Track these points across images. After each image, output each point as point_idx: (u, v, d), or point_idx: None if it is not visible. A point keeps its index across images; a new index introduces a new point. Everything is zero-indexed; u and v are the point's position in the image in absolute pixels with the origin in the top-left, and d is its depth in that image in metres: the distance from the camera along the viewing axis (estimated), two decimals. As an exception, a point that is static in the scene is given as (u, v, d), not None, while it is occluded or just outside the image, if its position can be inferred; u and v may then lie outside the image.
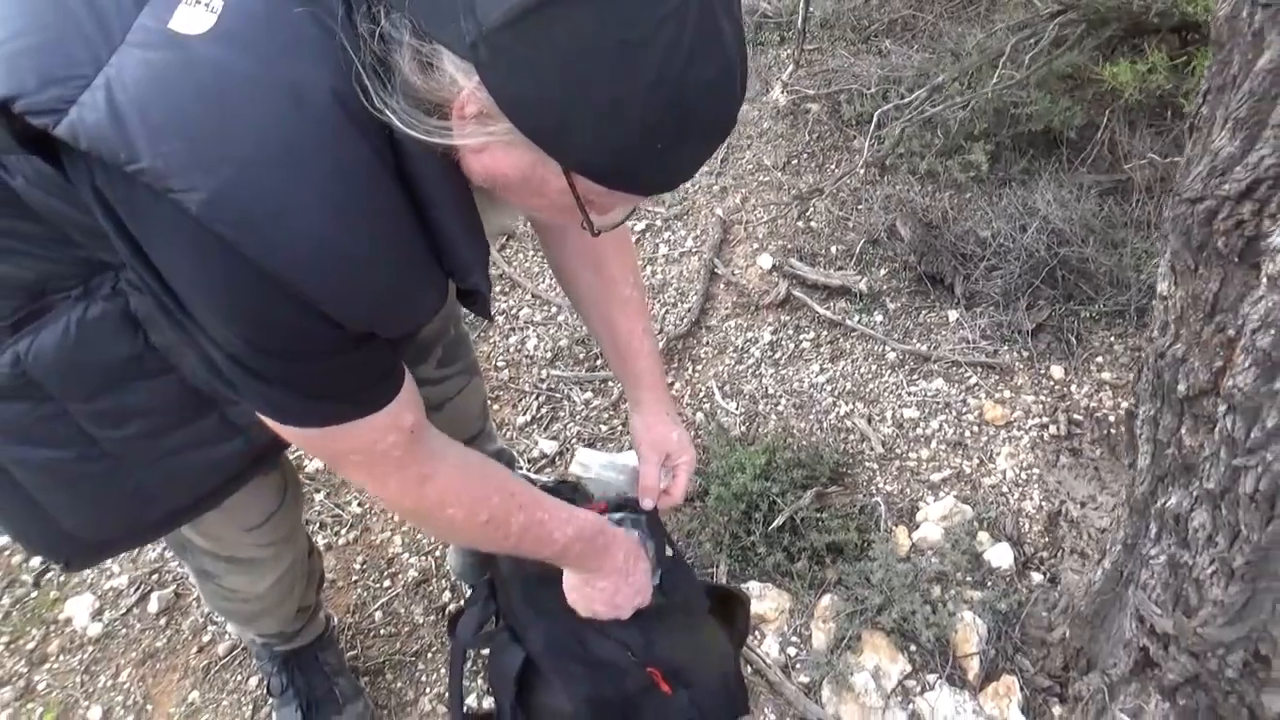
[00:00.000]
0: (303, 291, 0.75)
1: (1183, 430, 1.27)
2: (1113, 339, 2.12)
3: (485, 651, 1.57)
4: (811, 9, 2.94)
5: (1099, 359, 2.10)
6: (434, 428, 1.00)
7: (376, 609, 1.84)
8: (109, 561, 1.97)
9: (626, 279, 1.30)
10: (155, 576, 1.94)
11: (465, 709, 1.67)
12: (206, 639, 1.83)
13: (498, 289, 2.46)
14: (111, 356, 0.94)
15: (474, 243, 0.87)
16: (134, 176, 0.69)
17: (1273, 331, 1.06)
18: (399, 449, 0.93)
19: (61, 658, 1.83)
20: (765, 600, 1.73)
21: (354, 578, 1.90)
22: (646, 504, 1.31)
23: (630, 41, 0.65)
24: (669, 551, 1.33)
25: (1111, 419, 1.95)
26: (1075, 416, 1.99)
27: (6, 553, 2.01)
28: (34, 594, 1.94)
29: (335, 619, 1.80)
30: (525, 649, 1.25)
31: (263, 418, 0.89)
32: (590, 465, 1.42)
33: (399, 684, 1.73)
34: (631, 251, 1.33)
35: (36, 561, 2.00)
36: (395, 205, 0.77)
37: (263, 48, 0.71)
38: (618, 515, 1.32)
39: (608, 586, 1.18)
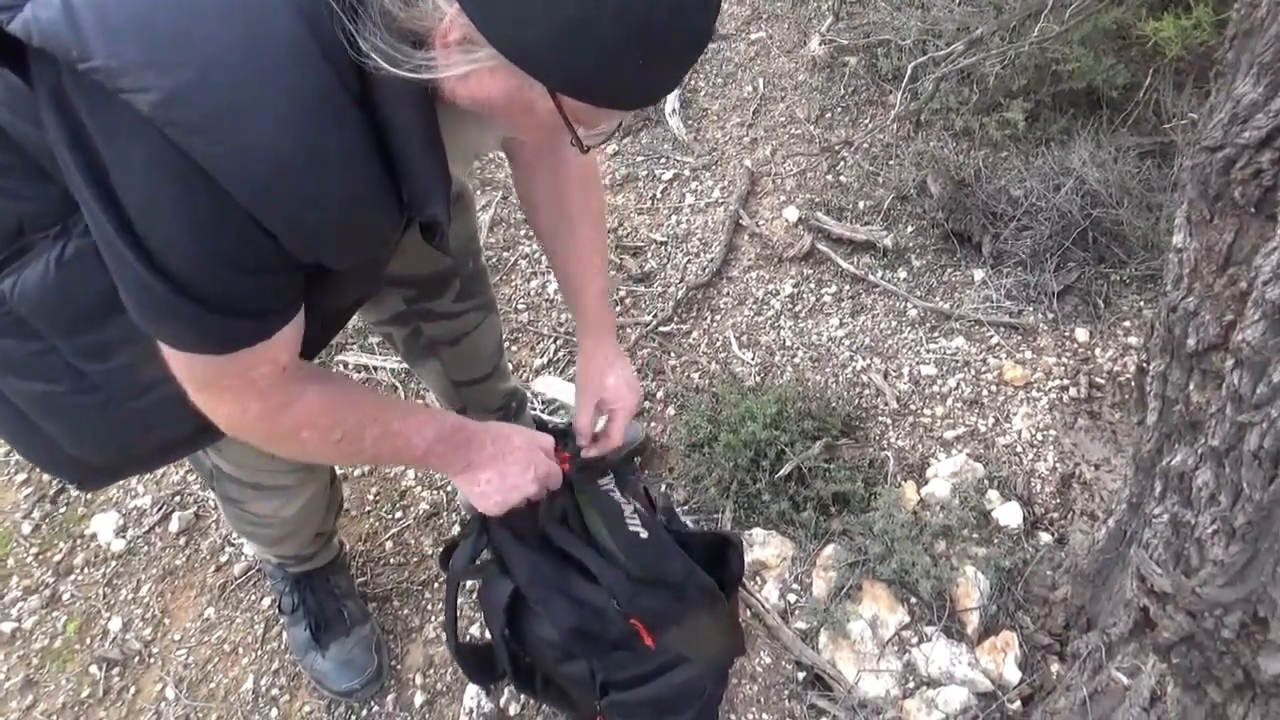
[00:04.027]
0: (250, 206, 0.76)
1: (1191, 386, 1.24)
2: (1142, 303, 2.08)
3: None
4: (855, -40, 2.88)
5: (1126, 323, 2.05)
6: (303, 363, 1.02)
7: (387, 538, 1.88)
8: (133, 481, 2.04)
9: (586, 220, 1.31)
10: (177, 498, 2.00)
11: (467, 639, 1.71)
12: (224, 559, 1.89)
13: (521, 232, 2.47)
14: (89, 292, 0.94)
15: (436, 171, 0.87)
16: (85, 75, 0.69)
17: (1284, 283, 1.03)
18: (266, 380, 0.95)
19: (86, 570, 1.91)
20: (768, 547, 1.73)
21: (367, 508, 1.94)
22: (581, 443, 1.35)
23: None
24: (658, 503, 1.35)
25: (1134, 372, 1.91)
26: (1097, 380, 1.95)
27: (38, 469, 2.09)
28: (63, 509, 2.02)
29: (347, 546, 1.84)
30: (513, 581, 1.28)
31: (162, 345, 0.90)
32: (546, 391, 1.45)
33: (405, 611, 1.77)
34: (597, 194, 1.34)
35: (67, 480, 2.07)
36: (354, 129, 0.78)
37: None
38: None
39: (491, 476, 1.19)
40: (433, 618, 1.76)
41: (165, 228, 0.78)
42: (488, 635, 1.73)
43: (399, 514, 1.92)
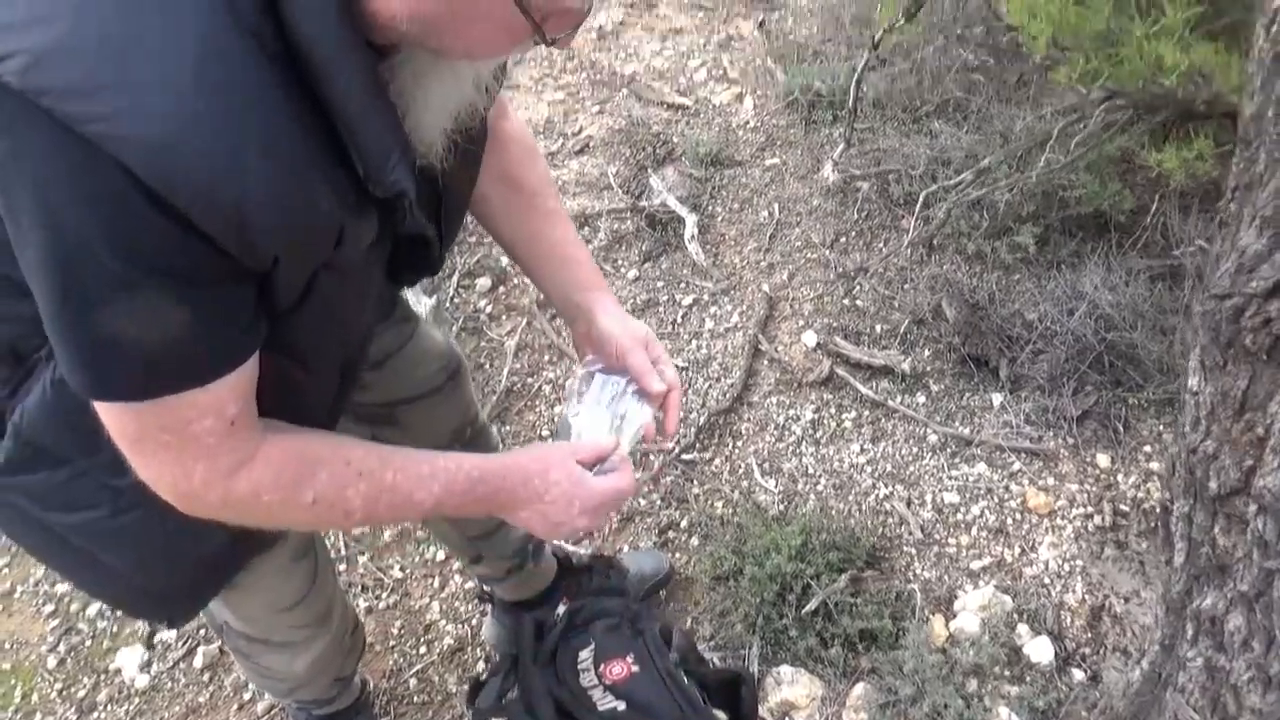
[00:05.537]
0: (153, 180, 0.63)
1: (1216, 529, 1.24)
2: (1161, 428, 2.08)
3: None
4: (863, 89, 3.00)
5: (1147, 448, 2.06)
6: (255, 416, 0.85)
7: (411, 675, 1.87)
8: (160, 616, 2.04)
9: (548, 190, 1.21)
10: (203, 631, 2.00)
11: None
12: (247, 697, 1.87)
13: (545, 358, 2.52)
14: (91, 408, 0.82)
15: (387, 129, 0.75)
16: None
17: (1300, 434, 1.05)
18: (214, 436, 0.80)
19: (109, 707, 1.90)
20: (797, 686, 1.71)
21: (391, 643, 1.93)
22: (657, 386, 1.13)
23: None
24: (674, 641, 1.34)
25: (1159, 511, 1.90)
26: (1121, 507, 1.94)
27: (66, 600, 2.10)
28: (88, 642, 2.02)
29: (371, 683, 1.83)
30: (537, 721, 1.27)
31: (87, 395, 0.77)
32: (583, 431, 1.13)
33: (428, 752, 1.75)
34: (545, 164, 1.24)
35: (93, 610, 2.08)
36: (269, 76, 0.67)
37: None
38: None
39: (530, 515, 1.02)
40: (456, 759, 1.73)
41: (57, 229, 0.65)
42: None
43: (423, 649, 1.91)
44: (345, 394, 1.05)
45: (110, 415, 0.79)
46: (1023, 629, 1.74)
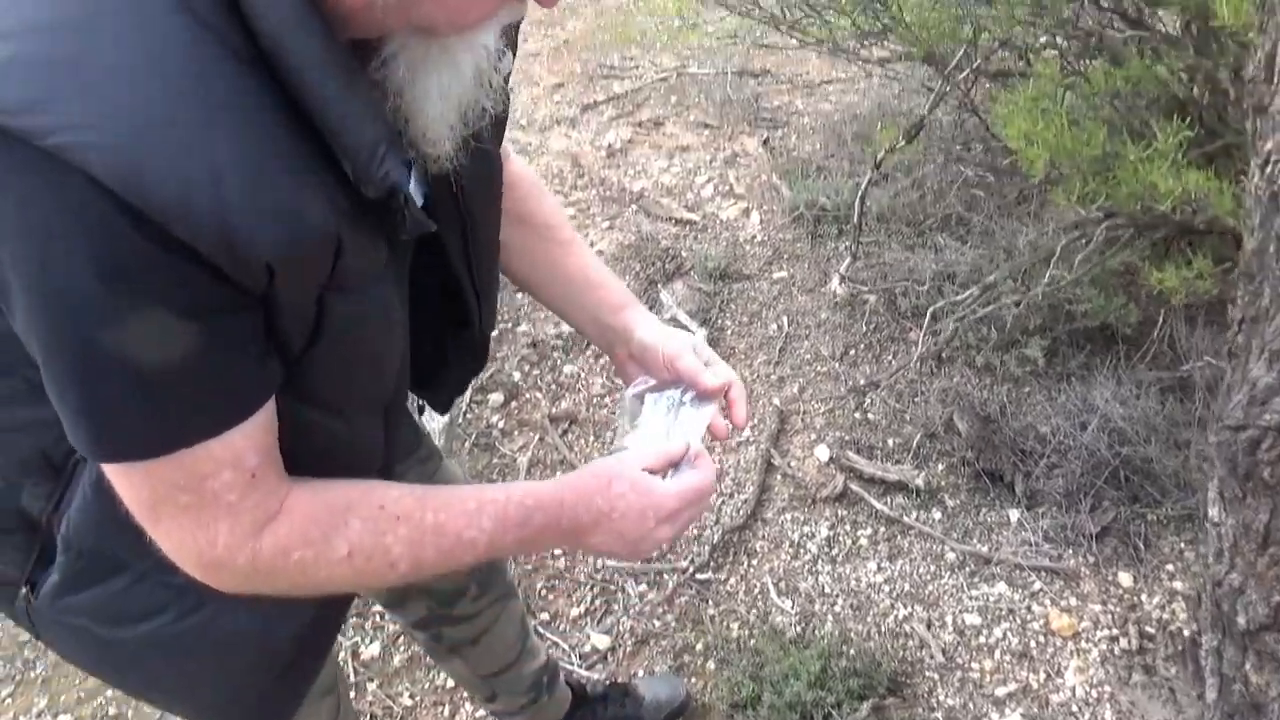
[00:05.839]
0: (126, 191, 0.60)
1: (1248, 666, 1.22)
2: (1183, 545, 2.06)
3: None
4: (867, 204, 3.07)
5: (1169, 566, 2.03)
6: (279, 467, 0.80)
7: (420, 811, 1.81)
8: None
9: (561, 222, 1.17)
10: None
11: None
12: (250, 837, 1.81)
13: (557, 474, 2.51)
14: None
15: (370, 119, 0.70)
16: None
17: (1327, 573, 1.04)
18: (234, 492, 0.75)
19: None
20: (819, 821, 1.65)
21: (400, 775, 1.88)
22: (713, 381, 1.05)
23: None
24: None
25: (1186, 633, 1.87)
26: (1147, 629, 1.90)
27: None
28: (89, 779, 1.97)
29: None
30: None
31: (96, 460, 0.75)
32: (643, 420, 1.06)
33: None
34: (555, 199, 1.20)
35: (96, 743, 2.03)
36: (245, 88, 0.65)
37: None
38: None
39: (604, 538, 0.93)
40: None
41: (42, 249, 0.62)
42: None
43: (433, 783, 1.86)
44: (394, 442, 0.99)
45: (122, 480, 0.74)
46: (1053, 762, 1.69)
